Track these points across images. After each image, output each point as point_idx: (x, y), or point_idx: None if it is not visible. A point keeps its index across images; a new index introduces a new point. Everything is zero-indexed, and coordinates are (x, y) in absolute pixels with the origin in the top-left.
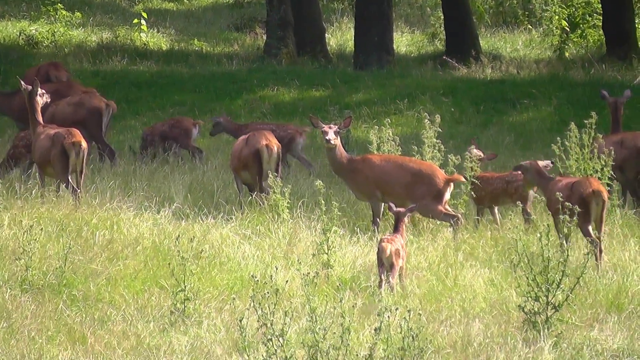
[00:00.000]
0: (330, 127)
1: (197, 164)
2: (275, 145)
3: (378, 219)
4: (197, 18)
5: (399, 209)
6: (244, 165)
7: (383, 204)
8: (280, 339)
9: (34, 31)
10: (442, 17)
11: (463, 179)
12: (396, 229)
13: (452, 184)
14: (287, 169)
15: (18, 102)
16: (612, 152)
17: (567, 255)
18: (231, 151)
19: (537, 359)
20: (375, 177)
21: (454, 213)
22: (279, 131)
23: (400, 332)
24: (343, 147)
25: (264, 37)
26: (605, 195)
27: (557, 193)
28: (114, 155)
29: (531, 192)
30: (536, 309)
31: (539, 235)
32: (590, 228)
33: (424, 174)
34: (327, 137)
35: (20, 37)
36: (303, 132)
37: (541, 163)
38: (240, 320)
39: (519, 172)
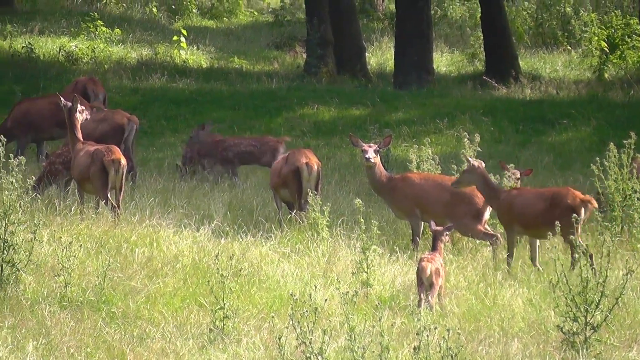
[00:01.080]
0: (370, 146)
1: (237, 182)
2: (315, 163)
3: (417, 238)
4: (236, 36)
5: (437, 227)
6: (284, 183)
7: (423, 222)
8: (319, 357)
9: (73, 47)
10: (482, 38)
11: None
12: (434, 247)
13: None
14: None
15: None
16: None
17: (606, 275)
18: (271, 169)
19: None
20: (414, 196)
21: (493, 232)
22: (260, 145)
23: (439, 352)
24: (383, 165)
25: (304, 55)
26: (594, 202)
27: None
28: (135, 173)
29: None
30: (575, 329)
31: (577, 255)
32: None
33: (464, 193)
34: (366, 156)
35: (60, 54)
36: (283, 142)
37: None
38: (279, 339)
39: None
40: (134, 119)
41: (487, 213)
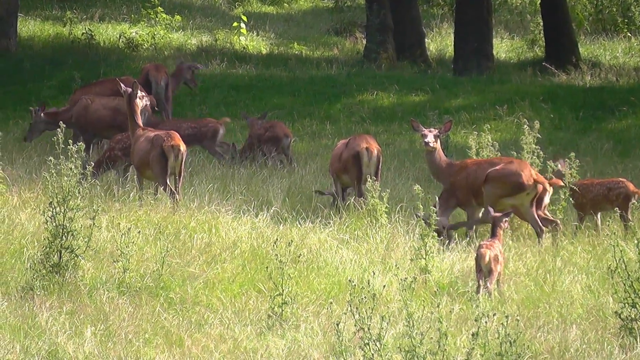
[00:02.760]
0: (430, 131)
1: (296, 168)
2: (375, 148)
3: (471, 228)
4: (296, 22)
5: (495, 214)
6: (344, 168)
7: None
8: (377, 343)
9: (134, 34)
10: (542, 24)
11: (561, 183)
12: (493, 234)
13: (551, 189)
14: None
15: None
16: None
17: None
18: (332, 154)
19: None
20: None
21: (552, 218)
22: (200, 127)
23: (498, 338)
24: (442, 151)
25: (364, 41)
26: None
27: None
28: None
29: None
30: (633, 316)
31: (636, 241)
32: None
33: None
34: (426, 140)
35: (120, 40)
36: (223, 123)
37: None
38: (338, 325)
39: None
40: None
41: (547, 198)
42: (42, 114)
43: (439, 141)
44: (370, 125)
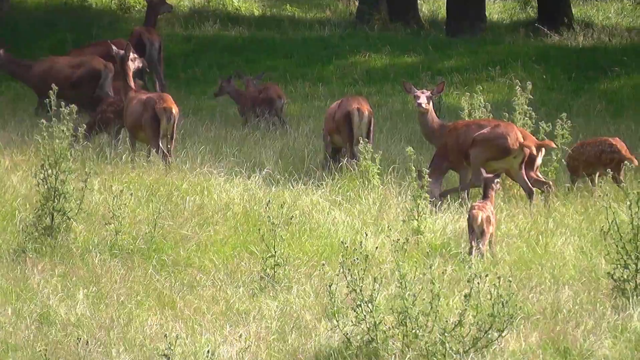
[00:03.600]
0: (422, 92)
1: (288, 130)
2: (367, 110)
3: (464, 189)
4: None
5: (487, 175)
6: (337, 128)
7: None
8: (370, 304)
9: None
10: None
11: (554, 145)
12: (485, 195)
13: (543, 149)
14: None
15: (36, 73)
16: None
17: None
18: (325, 114)
19: (626, 326)
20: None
21: (544, 180)
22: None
23: (490, 299)
24: (435, 113)
25: (357, 2)
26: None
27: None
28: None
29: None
30: (625, 277)
31: (629, 203)
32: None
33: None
34: (418, 101)
35: (113, 2)
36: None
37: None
38: (330, 286)
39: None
40: (109, 66)
41: (539, 159)
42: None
43: (431, 103)
44: (362, 87)
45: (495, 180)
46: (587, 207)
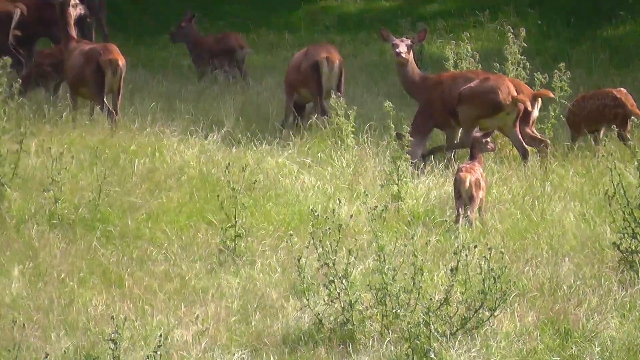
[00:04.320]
0: (402, 41)
1: (251, 84)
2: (337, 59)
3: (451, 150)
4: None
5: (476, 133)
6: (304, 80)
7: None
8: (344, 280)
9: None
10: None
11: (551, 95)
12: (473, 156)
13: (539, 100)
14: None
15: None
16: None
17: None
18: (289, 65)
19: (635, 304)
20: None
21: (541, 137)
22: None
23: (480, 273)
24: (416, 64)
25: None
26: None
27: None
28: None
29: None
30: (633, 247)
31: (636, 163)
32: None
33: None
34: (397, 50)
35: None
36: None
37: None
38: (299, 260)
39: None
40: (21, 6)
41: (536, 112)
42: None
43: (412, 52)
44: (334, 35)
45: (485, 139)
46: (589, 168)
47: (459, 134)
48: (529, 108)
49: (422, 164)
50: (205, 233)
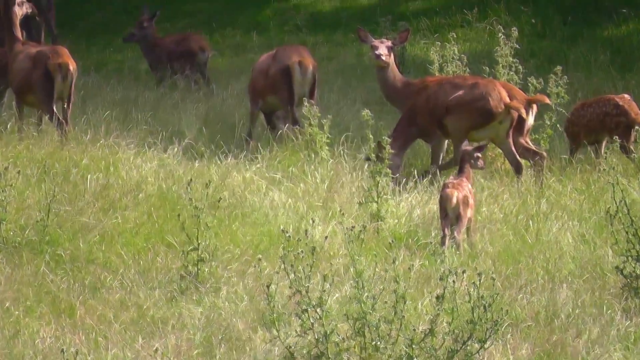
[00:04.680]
0: (382, 42)
1: (214, 90)
2: (310, 63)
3: (437, 165)
4: None
5: (466, 147)
6: (272, 87)
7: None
8: (318, 309)
9: None
10: None
11: (547, 101)
12: (461, 170)
13: (534, 106)
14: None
15: None
16: None
17: None
18: (254, 69)
19: None
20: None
21: (536, 150)
22: None
23: (469, 301)
24: (397, 67)
25: None
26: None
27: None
28: None
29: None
30: (638, 272)
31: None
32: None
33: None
34: (376, 52)
35: None
36: None
37: None
38: (268, 287)
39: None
40: None
41: (531, 119)
42: None
43: (392, 55)
44: (307, 36)
45: (475, 154)
46: (589, 184)
47: (444, 147)
48: (523, 115)
49: (403, 179)
50: (164, 257)
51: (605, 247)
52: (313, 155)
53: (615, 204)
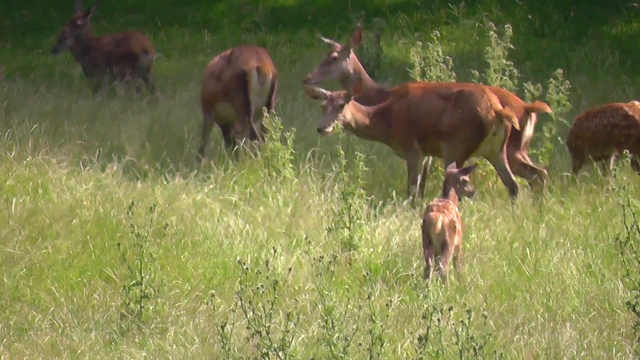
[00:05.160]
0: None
1: (159, 98)
2: (270, 70)
3: (417, 180)
4: None
5: (452, 169)
6: (225, 94)
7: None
8: (281, 353)
9: None
10: None
11: (548, 110)
12: (446, 192)
13: (533, 116)
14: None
15: None
16: None
17: None
18: (205, 74)
19: None
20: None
21: (535, 166)
22: None
23: (457, 343)
24: (370, 75)
25: None
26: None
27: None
28: None
29: None
30: None
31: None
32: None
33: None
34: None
35: None
36: None
37: None
38: (222, 327)
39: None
40: None
41: (529, 130)
42: None
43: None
44: (267, 34)
45: (462, 177)
46: (595, 206)
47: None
48: (516, 126)
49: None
50: (102, 293)
51: (615, 280)
52: (274, 174)
53: (626, 229)
